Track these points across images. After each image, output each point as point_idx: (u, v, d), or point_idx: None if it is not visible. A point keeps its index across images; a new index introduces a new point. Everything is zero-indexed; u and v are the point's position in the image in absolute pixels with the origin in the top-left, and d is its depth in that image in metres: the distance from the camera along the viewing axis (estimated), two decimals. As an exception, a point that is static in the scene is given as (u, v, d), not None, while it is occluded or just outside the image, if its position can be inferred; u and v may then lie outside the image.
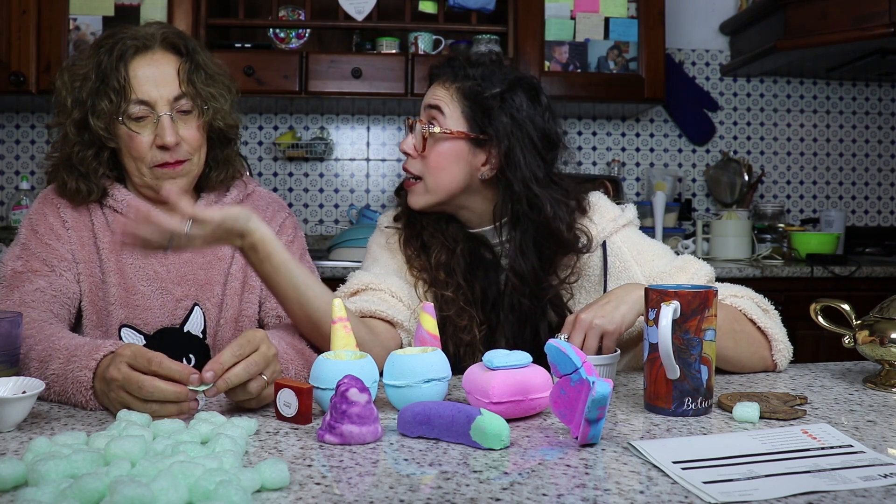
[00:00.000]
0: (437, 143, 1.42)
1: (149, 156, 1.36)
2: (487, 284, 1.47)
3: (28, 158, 3.39)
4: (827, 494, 0.78)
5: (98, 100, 1.34)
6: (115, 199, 1.41)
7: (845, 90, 3.71)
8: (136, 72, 1.35)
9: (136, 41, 1.37)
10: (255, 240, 1.18)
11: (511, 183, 1.41)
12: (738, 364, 1.33)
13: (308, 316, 1.25)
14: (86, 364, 1.07)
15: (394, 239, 1.52)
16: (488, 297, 1.47)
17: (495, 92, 1.41)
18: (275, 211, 1.53)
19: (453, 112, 1.42)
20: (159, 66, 1.37)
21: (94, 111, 1.34)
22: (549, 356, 0.98)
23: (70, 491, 0.72)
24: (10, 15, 2.88)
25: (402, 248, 1.50)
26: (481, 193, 1.46)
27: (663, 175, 3.53)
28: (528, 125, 1.41)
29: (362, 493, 0.79)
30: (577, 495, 0.78)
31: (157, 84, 1.35)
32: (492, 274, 1.47)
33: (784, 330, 1.37)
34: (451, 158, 1.42)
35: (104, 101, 1.34)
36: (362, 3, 3.02)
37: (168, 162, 1.36)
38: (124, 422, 0.95)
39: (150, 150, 1.36)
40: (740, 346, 1.32)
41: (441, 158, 1.42)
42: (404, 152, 1.45)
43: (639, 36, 3.14)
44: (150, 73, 1.36)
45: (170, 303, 1.41)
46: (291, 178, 3.50)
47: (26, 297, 1.30)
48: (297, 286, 1.23)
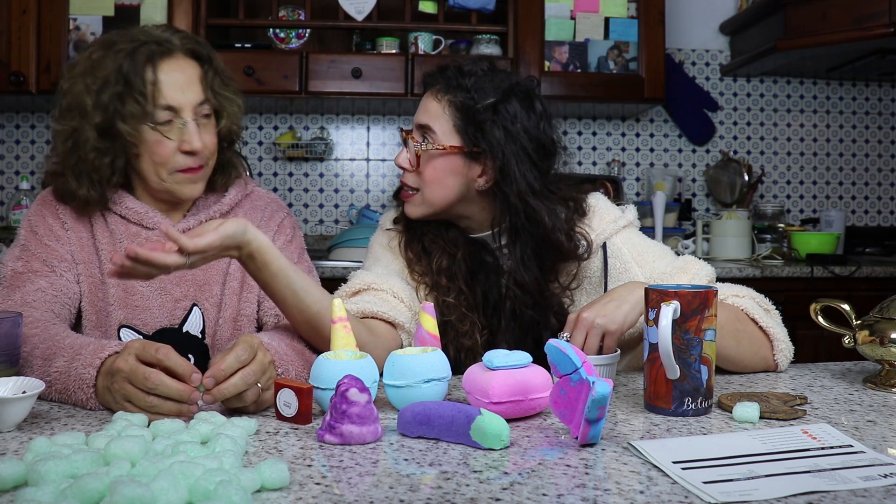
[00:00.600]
0: (431, 158, 1.42)
1: (172, 161, 1.36)
2: (489, 288, 1.47)
3: (28, 158, 3.39)
4: (827, 494, 0.78)
5: (124, 104, 1.32)
6: (113, 201, 1.41)
7: (845, 90, 3.71)
8: (162, 76, 1.34)
9: (160, 46, 1.35)
10: (252, 249, 1.18)
11: (507, 196, 1.41)
12: (739, 364, 1.33)
13: (307, 320, 1.25)
14: (90, 362, 1.07)
15: (395, 241, 1.52)
16: (489, 301, 1.47)
17: (488, 103, 1.39)
18: (273, 211, 1.53)
19: (444, 126, 1.41)
20: (184, 71, 1.36)
21: (122, 115, 1.32)
22: (549, 356, 0.98)
23: (70, 491, 0.72)
24: (10, 15, 2.88)
25: (403, 251, 1.50)
26: (478, 203, 1.46)
27: (663, 175, 3.53)
28: (523, 136, 1.40)
29: (362, 493, 0.79)
30: (577, 495, 0.78)
31: (182, 89, 1.35)
32: (493, 278, 1.47)
33: (785, 330, 1.37)
34: (445, 172, 1.42)
35: (132, 104, 1.32)
36: (362, 3, 3.02)
37: (192, 167, 1.37)
38: (122, 421, 0.95)
39: (174, 155, 1.35)
40: (742, 345, 1.32)
41: (436, 173, 1.42)
42: (400, 166, 1.45)
43: (639, 36, 3.14)
44: (176, 78, 1.35)
45: (169, 303, 1.41)
46: (291, 178, 3.50)
47: (28, 297, 1.30)
48: (295, 292, 1.23)
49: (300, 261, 1.51)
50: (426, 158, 1.42)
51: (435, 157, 1.41)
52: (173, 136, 1.35)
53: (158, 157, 1.35)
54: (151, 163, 1.36)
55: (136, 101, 1.32)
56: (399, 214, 1.53)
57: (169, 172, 1.37)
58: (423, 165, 1.42)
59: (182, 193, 1.40)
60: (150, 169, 1.37)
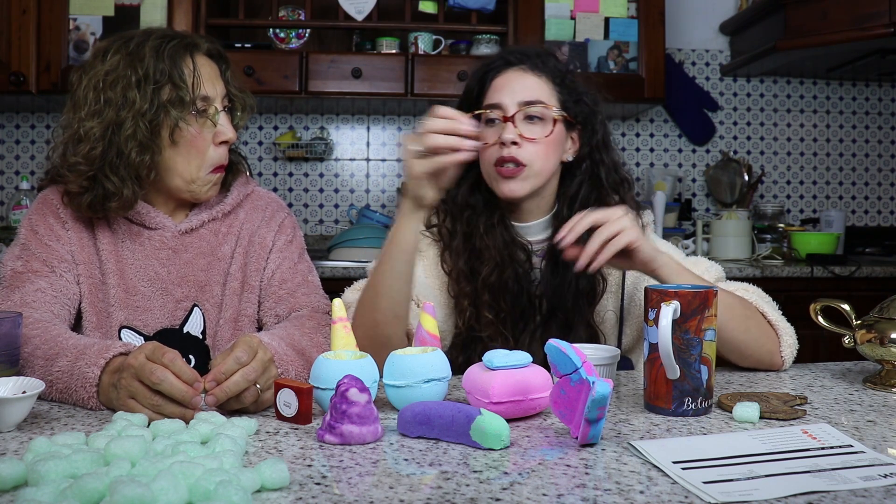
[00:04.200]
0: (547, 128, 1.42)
1: (207, 154, 1.38)
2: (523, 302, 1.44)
3: (28, 158, 3.39)
4: (827, 494, 0.78)
5: (169, 96, 1.33)
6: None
7: (845, 90, 3.71)
8: (199, 68, 1.37)
9: (186, 39, 1.39)
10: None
11: (598, 165, 1.47)
12: (745, 352, 1.32)
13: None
14: (95, 361, 1.07)
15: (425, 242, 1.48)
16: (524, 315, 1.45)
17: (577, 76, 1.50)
18: (274, 211, 1.53)
19: (551, 99, 1.44)
20: (210, 65, 1.40)
21: (166, 107, 1.33)
22: (549, 356, 0.98)
23: (70, 491, 0.72)
24: (10, 15, 2.88)
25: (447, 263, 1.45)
26: (553, 179, 1.47)
27: (663, 175, 3.53)
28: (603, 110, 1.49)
29: (362, 493, 0.79)
30: (577, 495, 0.78)
31: (213, 82, 1.39)
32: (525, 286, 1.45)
33: (792, 328, 1.36)
34: (557, 143, 1.44)
35: (175, 95, 1.33)
36: (362, 3, 3.02)
37: (222, 164, 1.41)
38: (122, 421, 0.95)
39: (208, 148, 1.38)
40: (751, 332, 1.30)
41: (551, 143, 1.43)
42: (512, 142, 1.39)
43: (639, 36, 3.14)
44: (208, 71, 1.39)
45: (170, 304, 1.41)
46: (291, 178, 3.50)
47: (27, 298, 1.30)
48: None
49: (300, 261, 1.51)
50: (541, 130, 1.42)
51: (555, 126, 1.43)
52: (208, 128, 1.37)
53: (196, 150, 1.36)
54: (187, 158, 1.37)
55: (179, 92, 1.33)
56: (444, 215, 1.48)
57: (205, 170, 1.38)
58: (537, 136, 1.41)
59: (205, 195, 1.42)
60: (188, 167, 1.37)
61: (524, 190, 1.41)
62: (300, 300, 1.45)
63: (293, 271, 1.48)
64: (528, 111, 1.41)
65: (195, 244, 1.44)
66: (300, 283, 1.47)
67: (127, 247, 1.40)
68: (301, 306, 1.44)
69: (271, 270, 1.47)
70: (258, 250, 1.47)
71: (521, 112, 1.41)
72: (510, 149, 1.39)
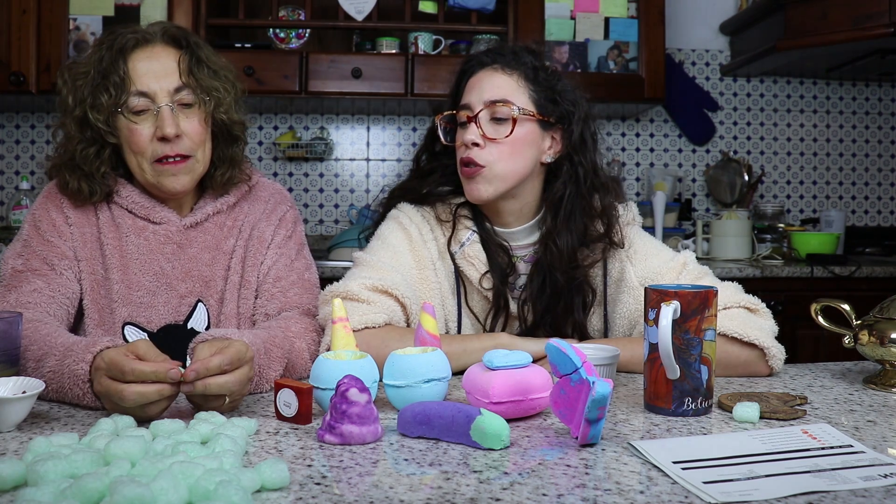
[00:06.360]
0: (511, 128, 1.38)
1: (149, 150, 1.36)
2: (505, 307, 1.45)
3: (28, 158, 3.39)
4: (827, 494, 0.78)
5: (98, 94, 1.34)
6: (119, 195, 1.41)
7: (845, 90, 3.71)
8: (135, 64, 1.36)
9: (136, 34, 1.38)
10: None
11: (577, 167, 1.42)
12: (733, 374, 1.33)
13: None
14: (82, 357, 1.06)
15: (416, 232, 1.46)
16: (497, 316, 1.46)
17: (556, 74, 1.44)
18: (276, 203, 1.52)
19: (521, 98, 1.40)
20: (159, 58, 1.37)
21: (94, 105, 1.35)
22: (549, 356, 0.98)
23: (70, 491, 0.72)
24: (10, 15, 2.88)
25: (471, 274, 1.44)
26: (531, 182, 1.44)
27: (663, 175, 3.53)
28: (584, 107, 1.44)
29: (362, 493, 0.79)
30: (577, 495, 0.78)
31: (156, 76, 1.36)
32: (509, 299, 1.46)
33: (775, 328, 1.34)
34: (525, 142, 1.40)
35: (104, 94, 1.34)
36: (362, 3, 3.02)
37: (169, 155, 1.35)
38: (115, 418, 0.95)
39: (151, 143, 1.35)
40: (729, 370, 1.31)
41: (516, 143, 1.39)
42: (473, 143, 1.38)
43: (639, 36, 3.14)
44: (151, 66, 1.36)
45: (174, 300, 1.40)
46: (291, 178, 3.50)
47: (23, 299, 1.30)
48: None
49: (297, 257, 1.50)
50: (506, 128, 1.38)
51: (514, 125, 1.38)
52: (148, 124, 1.35)
53: (135, 146, 1.36)
54: (132, 153, 1.37)
55: (107, 92, 1.34)
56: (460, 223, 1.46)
57: (149, 163, 1.37)
58: (500, 137, 1.38)
59: (166, 186, 1.38)
60: (132, 160, 1.38)
61: (488, 192, 1.39)
62: (292, 300, 1.44)
63: (289, 269, 1.47)
64: (494, 111, 1.39)
65: (200, 238, 1.43)
66: (294, 282, 1.46)
67: (131, 241, 1.40)
68: (292, 306, 1.43)
69: (267, 266, 1.46)
70: (257, 244, 1.47)
71: (486, 112, 1.39)
72: (470, 150, 1.39)
